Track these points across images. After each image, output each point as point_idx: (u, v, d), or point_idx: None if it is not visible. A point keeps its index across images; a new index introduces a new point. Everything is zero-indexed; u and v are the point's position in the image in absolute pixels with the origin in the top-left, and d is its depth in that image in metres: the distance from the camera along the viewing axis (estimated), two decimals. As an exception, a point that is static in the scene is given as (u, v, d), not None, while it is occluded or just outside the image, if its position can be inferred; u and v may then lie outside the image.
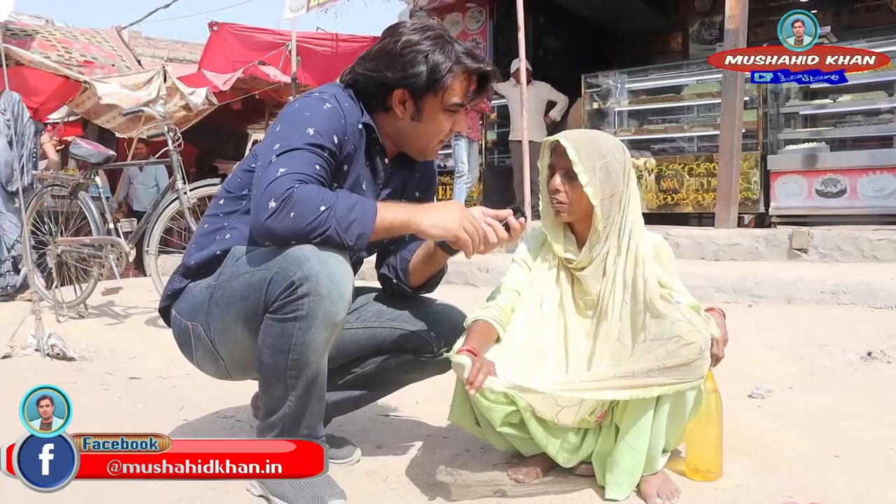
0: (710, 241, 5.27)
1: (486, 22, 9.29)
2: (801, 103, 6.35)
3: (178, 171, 4.19)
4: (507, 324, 1.83)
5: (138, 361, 3.42)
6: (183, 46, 14.25)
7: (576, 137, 1.81)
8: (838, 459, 1.97)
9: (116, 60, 7.18)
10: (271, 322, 1.63)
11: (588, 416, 1.76)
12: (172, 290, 1.90)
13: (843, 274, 4.14)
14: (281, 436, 1.66)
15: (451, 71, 1.77)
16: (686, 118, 7.24)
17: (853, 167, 5.75)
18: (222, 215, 1.88)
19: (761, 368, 2.92)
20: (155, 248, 4.29)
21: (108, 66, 7.01)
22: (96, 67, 7.46)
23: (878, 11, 8.48)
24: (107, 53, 7.08)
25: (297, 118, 1.73)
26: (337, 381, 1.95)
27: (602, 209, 1.78)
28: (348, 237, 1.60)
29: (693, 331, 1.62)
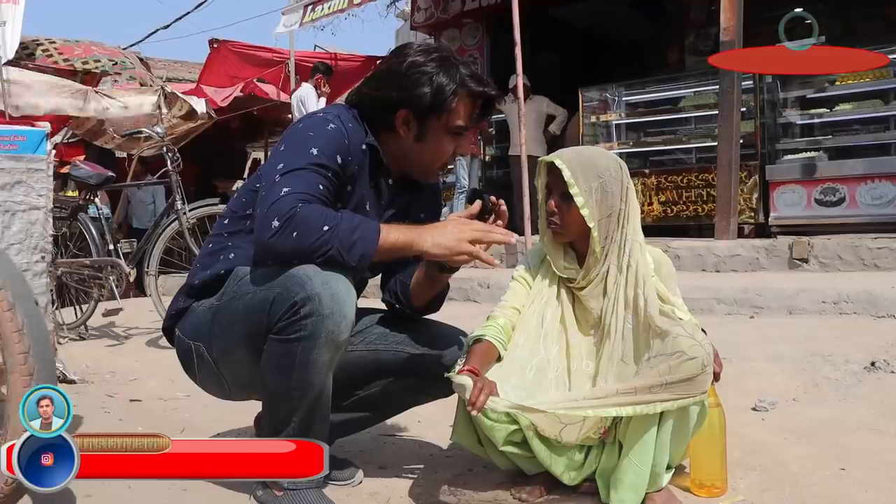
0: (711, 252, 5.27)
1: (482, 37, 9.32)
2: (799, 113, 6.36)
3: (177, 192, 4.20)
4: (508, 342, 1.83)
5: (139, 383, 3.41)
6: (182, 66, 14.30)
7: (571, 157, 1.81)
8: (844, 472, 1.96)
9: (119, 56, 7.12)
10: (274, 342, 1.63)
11: (591, 434, 1.75)
12: (176, 310, 1.91)
13: (844, 283, 4.14)
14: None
15: (455, 94, 1.77)
16: (684, 130, 7.24)
17: (852, 176, 5.75)
18: (227, 235, 1.89)
19: (764, 381, 2.90)
20: (155, 269, 4.29)
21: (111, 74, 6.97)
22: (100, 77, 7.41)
23: (873, 21, 8.51)
24: (109, 52, 7.02)
25: (302, 138, 1.74)
26: (341, 402, 1.94)
27: (599, 229, 1.78)
28: (351, 257, 1.60)
29: (695, 346, 1.62)
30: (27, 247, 2.18)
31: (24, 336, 1.51)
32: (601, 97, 7.61)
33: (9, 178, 2.16)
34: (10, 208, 2.17)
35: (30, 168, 2.21)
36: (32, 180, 2.22)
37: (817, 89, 6.24)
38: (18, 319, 1.52)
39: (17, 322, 1.52)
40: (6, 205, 2.15)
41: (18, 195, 2.19)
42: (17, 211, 2.19)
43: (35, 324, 1.57)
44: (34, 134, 2.27)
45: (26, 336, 1.52)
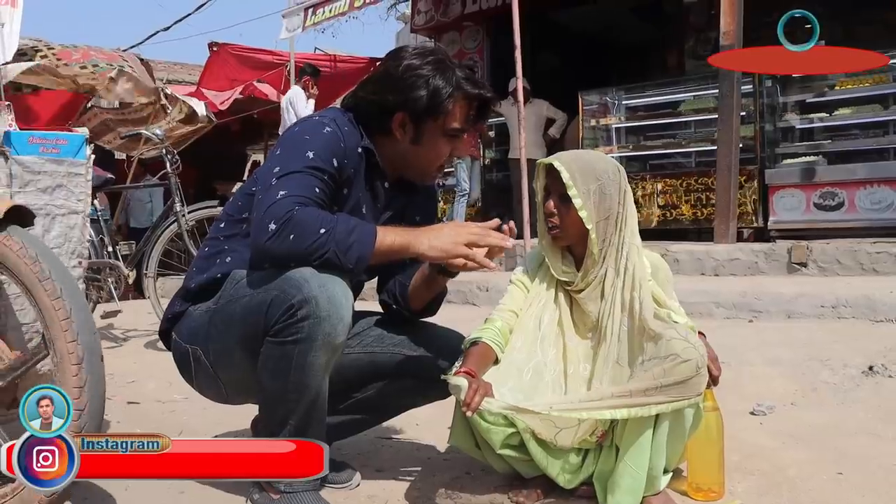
0: (710, 256, 5.26)
1: (482, 40, 9.35)
2: (798, 117, 6.37)
3: (176, 194, 4.20)
4: (506, 345, 1.83)
5: (137, 385, 3.40)
6: (181, 68, 14.29)
7: (570, 160, 1.81)
8: (842, 477, 1.96)
9: (118, 61, 7.10)
10: (271, 345, 1.63)
11: (588, 437, 1.75)
12: (173, 314, 1.91)
13: (842, 288, 4.13)
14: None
15: (451, 96, 1.78)
16: (684, 134, 7.25)
17: (851, 180, 5.76)
18: (223, 238, 1.89)
19: (763, 384, 2.90)
20: (154, 271, 4.29)
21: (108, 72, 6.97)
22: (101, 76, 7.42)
23: (872, 26, 8.52)
24: (108, 56, 7.00)
25: (297, 141, 1.75)
26: (338, 405, 1.94)
27: (597, 232, 1.78)
28: (347, 260, 1.61)
29: (689, 348, 1.62)
30: (66, 251, 2.17)
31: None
32: (601, 101, 7.63)
33: (50, 182, 2.16)
34: (51, 212, 2.16)
35: (70, 172, 2.21)
36: (72, 184, 2.21)
37: (817, 94, 6.25)
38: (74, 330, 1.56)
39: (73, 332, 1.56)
40: (47, 208, 2.14)
41: (59, 199, 2.18)
42: (56, 215, 2.18)
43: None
44: (75, 138, 2.26)
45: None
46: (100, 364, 1.59)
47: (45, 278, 1.58)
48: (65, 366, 1.53)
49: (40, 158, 2.15)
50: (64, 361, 1.54)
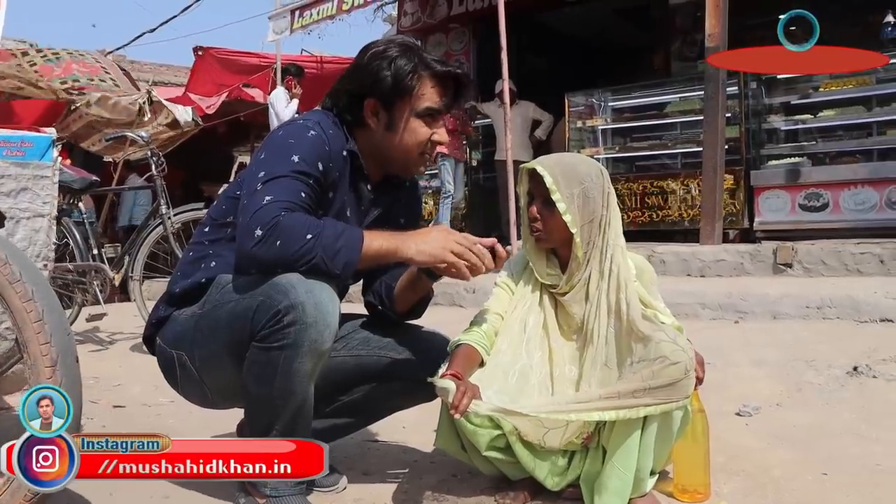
0: (696, 257, 5.29)
1: (469, 42, 9.34)
2: (783, 118, 6.41)
3: (161, 197, 4.19)
4: (491, 347, 1.83)
5: (123, 389, 3.38)
6: (168, 70, 14.23)
7: (553, 164, 1.81)
8: (827, 477, 1.97)
9: (100, 73, 7.07)
10: (257, 351, 1.62)
11: (575, 439, 1.75)
12: (157, 319, 1.89)
13: (827, 288, 4.16)
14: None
15: (414, 72, 1.78)
16: (669, 135, 7.28)
17: (835, 181, 5.80)
18: (207, 243, 1.88)
19: (748, 385, 2.92)
20: (139, 274, 4.27)
21: (90, 87, 6.95)
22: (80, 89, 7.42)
23: (859, 28, 8.58)
24: (90, 68, 6.97)
25: (282, 145, 1.74)
26: (324, 408, 1.93)
27: (581, 235, 1.78)
28: (335, 266, 1.60)
29: (678, 350, 1.62)
30: (30, 255, 2.13)
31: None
32: (587, 102, 7.64)
33: (14, 185, 2.12)
34: (15, 215, 2.13)
35: (36, 175, 2.17)
36: (38, 187, 2.17)
37: (802, 95, 6.29)
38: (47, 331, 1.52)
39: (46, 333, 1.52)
40: (11, 212, 2.11)
41: (24, 202, 2.15)
42: (21, 218, 2.15)
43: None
44: (41, 140, 2.23)
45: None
46: (75, 365, 1.56)
47: (15, 280, 1.54)
48: (39, 368, 1.50)
49: (4, 162, 2.11)
50: (38, 363, 1.50)
